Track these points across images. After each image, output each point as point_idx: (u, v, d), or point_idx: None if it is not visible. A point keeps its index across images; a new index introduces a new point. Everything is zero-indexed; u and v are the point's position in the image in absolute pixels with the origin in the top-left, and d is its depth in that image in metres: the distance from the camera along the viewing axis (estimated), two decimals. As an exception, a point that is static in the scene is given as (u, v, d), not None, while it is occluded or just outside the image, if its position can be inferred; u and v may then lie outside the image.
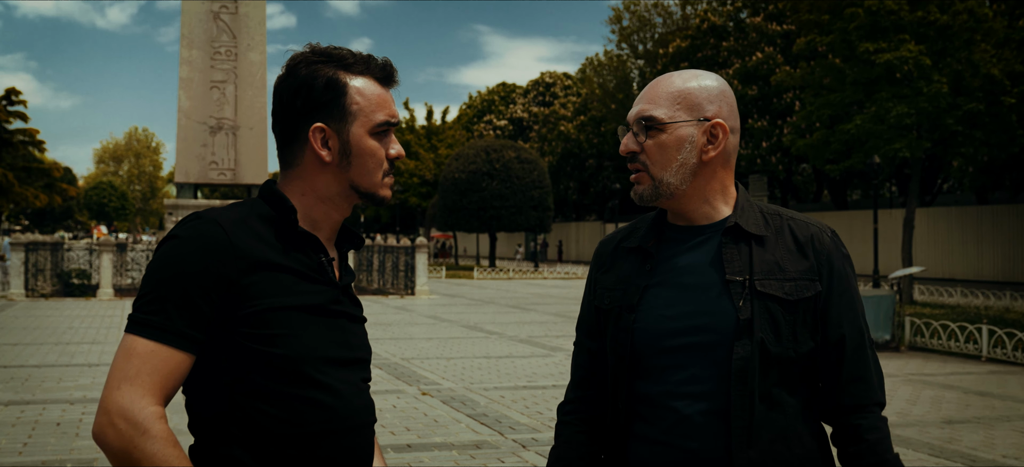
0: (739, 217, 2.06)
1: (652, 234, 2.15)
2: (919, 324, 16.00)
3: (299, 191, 1.91)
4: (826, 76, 27.16)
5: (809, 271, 2.02)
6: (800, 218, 2.11)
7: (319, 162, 1.88)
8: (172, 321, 1.69)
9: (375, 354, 14.13)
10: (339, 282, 1.93)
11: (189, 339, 1.70)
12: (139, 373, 1.66)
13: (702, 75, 2.09)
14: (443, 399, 10.26)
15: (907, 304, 22.53)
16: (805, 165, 52.64)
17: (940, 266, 40.68)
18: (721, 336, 1.97)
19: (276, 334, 1.75)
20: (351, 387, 1.88)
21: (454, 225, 52.51)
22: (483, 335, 17.50)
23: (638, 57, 59.91)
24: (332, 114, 1.86)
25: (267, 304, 1.75)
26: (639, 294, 2.08)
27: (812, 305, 2.01)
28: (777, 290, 1.99)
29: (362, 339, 1.98)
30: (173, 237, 1.77)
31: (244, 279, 1.74)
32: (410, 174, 60.68)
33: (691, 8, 56.66)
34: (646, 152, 2.05)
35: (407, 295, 29.53)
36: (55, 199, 72.61)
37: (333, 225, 1.96)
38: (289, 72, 1.89)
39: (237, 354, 1.74)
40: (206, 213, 1.79)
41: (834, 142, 26.86)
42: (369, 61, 1.92)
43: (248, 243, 1.77)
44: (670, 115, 2.03)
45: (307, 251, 1.86)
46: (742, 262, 2.01)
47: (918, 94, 24.01)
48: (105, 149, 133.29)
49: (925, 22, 24.08)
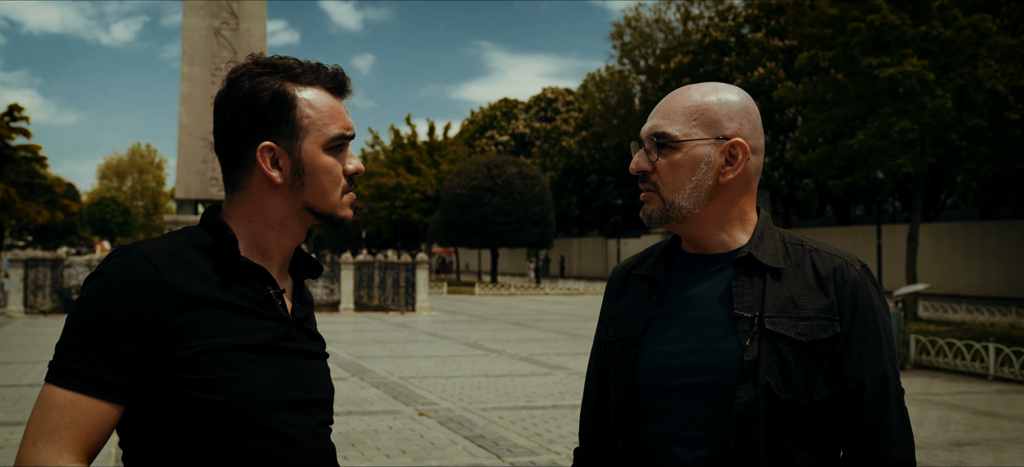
0: (754, 247, 1.86)
1: (662, 262, 1.98)
2: (924, 342, 15.80)
3: (246, 216, 1.73)
4: (829, 91, 27.01)
5: (828, 309, 1.81)
6: (826, 250, 1.90)
7: (269, 184, 1.71)
8: (94, 369, 1.51)
9: (372, 373, 13.96)
10: (292, 316, 1.74)
11: (114, 388, 1.53)
12: (57, 428, 1.49)
13: (723, 89, 1.90)
14: (440, 420, 10.08)
15: (912, 321, 22.33)
16: (808, 180, 52.48)
17: (944, 282, 40.46)
18: (724, 377, 1.77)
19: (215, 378, 1.57)
20: (307, 433, 1.69)
21: (456, 241, 52.35)
22: (483, 353, 17.31)
23: (640, 72, 59.88)
24: (281, 131, 1.69)
25: (204, 345, 1.57)
26: (642, 326, 1.91)
27: (829, 347, 1.79)
28: (789, 329, 1.78)
29: (321, 378, 1.79)
30: (98, 274, 1.59)
31: (177, 319, 1.56)
32: (412, 189, 60.55)
33: (693, 23, 56.64)
34: (658, 171, 1.87)
35: (408, 311, 29.36)
36: (57, 215, 72.54)
37: (285, 252, 1.78)
38: (231, 87, 1.70)
39: (173, 403, 1.56)
40: (136, 246, 1.61)
41: (837, 157, 26.68)
42: (318, 70, 1.74)
43: (181, 278, 1.59)
44: (685, 132, 1.85)
45: (252, 284, 1.68)
46: (753, 297, 1.81)
47: (921, 109, 23.84)
48: (108, 165, 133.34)
49: (928, 37, 23.93)
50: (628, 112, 58.90)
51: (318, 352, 1.81)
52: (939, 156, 26.70)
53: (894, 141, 24.27)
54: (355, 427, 9.62)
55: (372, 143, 67.91)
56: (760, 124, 1.91)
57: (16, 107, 67.09)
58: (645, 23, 59.25)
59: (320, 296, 32.41)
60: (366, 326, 23.91)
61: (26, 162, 69.23)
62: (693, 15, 57.35)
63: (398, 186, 60.56)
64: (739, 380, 1.75)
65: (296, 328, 1.74)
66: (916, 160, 24.60)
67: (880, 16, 23.83)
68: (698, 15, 57.10)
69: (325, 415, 1.78)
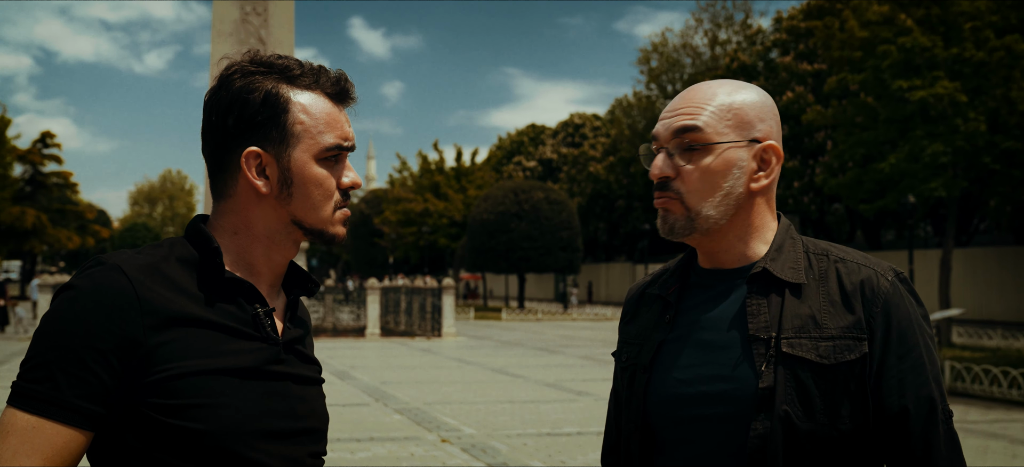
0: (770, 260, 1.67)
1: (675, 279, 1.80)
2: (960, 369, 15.45)
3: (231, 228, 1.59)
4: (859, 115, 26.75)
5: (854, 327, 1.59)
6: (853, 259, 1.69)
7: (255, 193, 1.56)
8: (60, 392, 1.36)
9: (396, 398, 13.82)
10: (282, 337, 1.59)
11: (82, 413, 1.38)
12: (17, 455, 1.34)
13: (744, 86, 1.72)
14: (463, 447, 9.91)
15: (945, 347, 21.90)
16: (838, 205, 51.97)
17: (978, 308, 39.79)
18: (739, 407, 1.59)
19: (194, 404, 1.42)
20: (295, 465, 1.54)
21: (483, 266, 52.21)
22: (508, 378, 17.13)
23: (667, 97, 59.70)
24: (269, 136, 1.54)
25: (182, 368, 1.42)
26: (653, 351, 1.73)
27: (857, 370, 1.58)
28: (809, 351, 1.58)
29: (313, 405, 1.63)
30: (68, 287, 1.44)
31: (153, 338, 1.41)
32: (439, 215, 60.56)
33: (720, 48, 56.47)
34: (683, 177, 1.67)
35: (434, 337, 29.24)
36: (88, 241, 73.24)
37: (275, 269, 1.63)
38: (221, 84, 1.56)
39: (146, 430, 1.41)
40: (111, 258, 1.46)
41: (867, 181, 26.37)
42: (319, 73, 1.59)
43: (159, 294, 1.44)
44: (717, 132, 1.66)
45: (239, 301, 1.53)
46: (769, 316, 1.62)
47: (954, 132, 23.52)
48: (140, 191, 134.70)
49: (960, 59, 23.63)
50: (656, 137, 58.74)
51: (311, 377, 1.65)
52: (972, 180, 26.33)
53: (926, 165, 23.94)
54: (376, 453, 9.47)
55: (400, 169, 68.03)
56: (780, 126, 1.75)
57: (48, 134, 68.01)
58: (672, 48, 59.16)
59: (346, 321, 32.39)
60: (391, 351, 23.78)
61: (58, 188, 70.06)
62: (720, 40, 57.21)
63: (425, 211, 60.56)
64: (754, 410, 1.57)
65: (286, 350, 1.59)
66: (949, 184, 24.24)
67: (911, 38, 23.58)
68: (726, 40, 56.95)
69: (317, 445, 1.63)
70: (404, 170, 67.75)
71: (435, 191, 61.84)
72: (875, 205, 27.40)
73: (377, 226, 71.14)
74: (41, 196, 67.89)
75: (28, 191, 67.67)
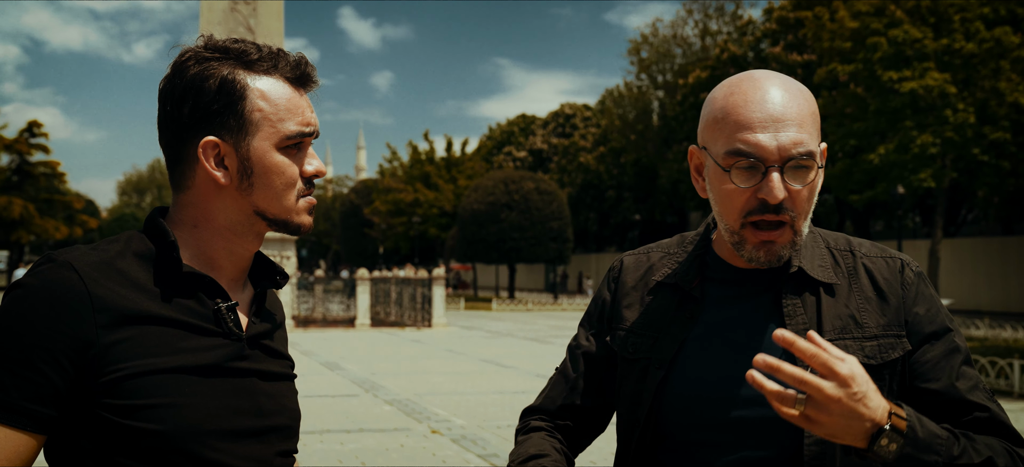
0: (803, 259, 1.63)
1: (696, 271, 1.72)
2: (948, 359, 15.50)
3: (190, 220, 1.53)
4: (848, 106, 26.81)
5: (894, 323, 1.59)
6: (874, 252, 1.68)
7: (214, 185, 1.50)
8: (8, 395, 1.32)
9: (386, 389, 13.81)
10: (246, 332, 1.54)
11: (32, 417, 1.33)
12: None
13: (800, 85, 1.62)
14: (453, 438, 9.90)
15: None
16: (826, 195, 52.15)
17: (966, 298, 39.95)
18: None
19: (148, 405, 1.37)
20: (261, 465, 1.50)
21: (473, 256, 52.23)
22: (498, 369, 17.13)
23: (657, 88, 59.69)
24: (227, 125, 1.48)
25: (137, 367, 1.37)
26: (676, 348, 1.65)
27: (899, 367, 1.58)
28: (856, 352, 1.55)
29: (282, 402, 1.58)
30: (17, 286, 1.39)
31: (106, 337, 1.36)
32: (429, 205, 60.53)
33: (710, 39, 56.46)
34: (794, 199, 1.54)
35: (424, 327, 29.24)
36: (76, 231, 72.95)
37: (238, 262, 1.57)
38: (175, 72, 1.49)
39: (100, 432, 1.37)
40: (62, 255, 1.41)
41: (857, 172, 26.45)
42: (278, 57, 1.53)
43: (112, 291, 1.39)
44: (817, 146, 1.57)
45: (198, 296, 1.48)
46: (807, 317, 1.59)
47: (943, 123, 23.60)
48: (128, 181, 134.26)
49: (950, 50, 23.71)
50: (646, 128, 58.67)
51: (280, 373, 1.60)
52: (961, 170, 26.41)
53: (915, 156, 24.01)
54: (366, 445, 9.46)
55: (390, 159, 67.94)
56: None
57: (35, 124, 67.67)
58: (663, 39, 59.08)
59: (336, 312, 32.35)
60: (381, 342, 23.76)
61: (45, 178, 69.75)
62: (711, 30, 57.17)
63: (416, 202, 60.53)
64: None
65: (251, 346, 1.54)
66: (937, 175, 24.33)
67: (902, 30, 23.65)
68: (716, 30, 56.92)
69: (286, 444, 1.58)
70: (394, 160, 67.68)
71: (425, 181, 61.80)
72: (865, 196, 27.50)
73: (367, 216, 71.07)
74: (28, 186, 67.57)
75: (15, 181, 67.34)
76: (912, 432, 1.39)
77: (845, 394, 1.32)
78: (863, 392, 1.34)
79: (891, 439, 1.37)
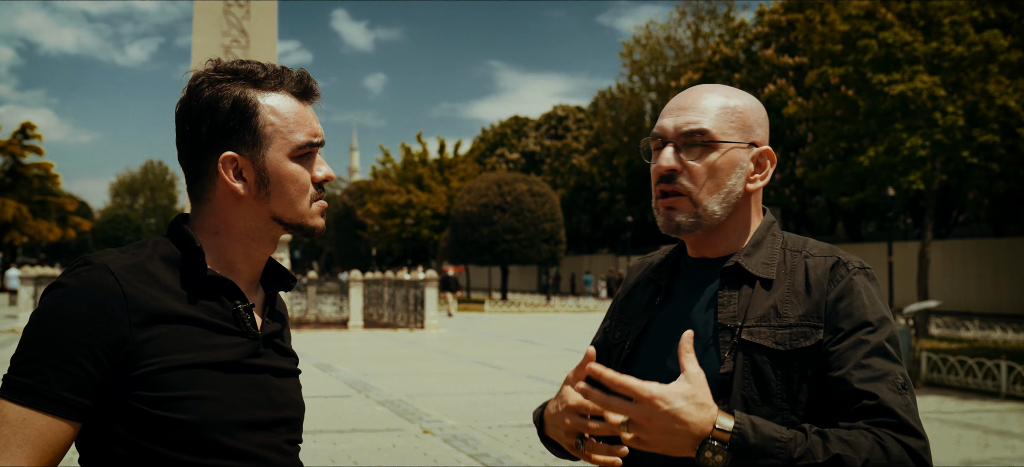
0: (744, 256, 1.77)
1: (668, 266, 1.90)
2: (936, 359, 15.63)
3: (212, 228, 1.67)
4: (839, 108, 26.91)
5: (811, 315, 1.69)
6: (820, 253, 1.78)
7: (233, 196, 1.65)
8: (49, 385, 1.45)
9: (378, 390, 13.88)
10: (261, 332, 1.68)
11: (70, 406, 1.46)
12: (8, 445, 1.43)
13: (740, 93, 1.82)
14: (445, 438, 9.99)
15: (923, 338, 22.14)
16: (819, 197, 52.31)
17: (957, 299, 40.14)
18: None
19: (176, 397, 1.51)
20: (272, 452, 1.64)
21: (466, 258, 52.27)
22: (491, 370, 17.21)
23: (650, 90, 59.83)
24: (243, 140, 1.63)
25: (165, 362, 1.51)
26: (639, 332, 1.85)
27: (812, 355, 1.66)
28: (767, 339, 1.67)
29: (291, 396, 1.74)
30: (57, 285, 1.53)
31: (139, 334, 1.50)
32: (422, 207, 60.55)
33: (703, 41, 56.62)
34: (690, 173, 1.75)
35: (417, 328, 29.30)
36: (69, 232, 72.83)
37: (255, 266, 1.72)
38: (191, 94, 1.64)
39: (132, 421, 1.50)
40: (97, 257, 1.55)
41: (847, 175, 26.55)
42: (282, 74, 1.67)
43: (144, 292, 1.53)
44: (724, 132, 1.75)
45: (220, 298, 1.62)
46: (737, 307, 1.72)
47: (933, 126, 23.71)
48: (121, 182, 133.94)
49: (939, 53, 23.81)
50: (639, 130, 58.80)
51: (288, 369, 1.76)
52: (950, 173, 26.54)
53: (905, 158, 24.11)
54: (358, 445, 9.54)
55: (383, 161, 67.90)
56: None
57: (29, 125, 67.58)
58: (656, 41, 59.22)
59: (329, 314, 32.40)
60: (374, 343, 23.83)
61: (38, 180, 69.63)
62: (703, 33, 57.35)
63: (408, 203, 60.56)
64: (716, 395, 1.64)
65: (265, 344, 1.68)
66: (927, 177, 24.45)
67: (892, 33, 23.75)
68: (709, 33, 57.09)
69: (293, 433, 1.73)
70: (387, 162, 67.65)
71: (418, 183, 61.82)
72: (855, 198, 27.60)
73: (360, 218, 70.99)
74: (21, 187, 67.46)
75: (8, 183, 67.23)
76: (739, 441, 1.47)
77: (651, 412, 1.45)
78: (676, 408, 1.45)
79: (714, 450, 1.48)
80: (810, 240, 1.84)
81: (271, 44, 30.48)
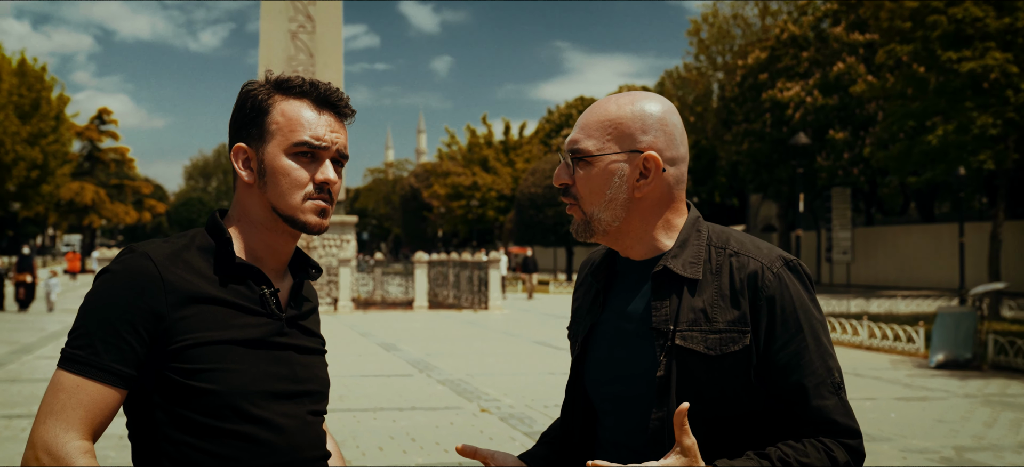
0: (671, 258, 1.85)
1: (604, 267, 2.00)
2: (1003, 342, 15.37)
3: (236, 216, 1.89)
4: (908, 86, 26.37)
5: (739, 321, 1.77)
6: (746, 253, 1.85)
7: (245, 185, 1.87)
8: (99, 356, 1.68)
9: (439, 369, 14.15)
10: (285, 314, 1.87)
11: (117, 375, 1.69)
12: (64, 408, 1.66)
13: (642, 98, 1.89)
14: (502, 416, 10.19)
15: (994, 320, 21.70)
16: (891, 177, 51.34)
17: (1032, 281, 39.08)
18: (645, 392, 1.81)
19: (206, 368, 1.72)
20: (295, 421, 1.84)
21: (531, 240, 52.51)
22: (551, 350, 17.39)
23: (717, 69, 59.19)
24: (251, 134, 1.85)
25: (197, 338, 1.72)
26: (586, 332, 1.98)
27: (742, 359, 1.76)
28: (698, 344, 1.77)
29: (314, 372, 1.92)
30: (106, 271, 1.76)
31: (174, 313, 1.72)
32: (487, 188, 60.86)
33: (771, 18, 55.75)
34: (577, 184, 1.89)
35: (481, 309, 29.60)
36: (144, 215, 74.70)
37: (278, 256, 1.91)
38: (236, 99, 1.89)
39: (168, 389, 1.72)
40: (140, 246, 1.78)
41: (915, 154, 26.04)
42: (312, 86, 1.86)
43: (180, 276, 1.75)
44: (599, 146, 1.86)
45: (248, 283, 1.83)
46: (669, 310, 1.81)
47: (1004, 103, 23.15)
48: (194, 165, 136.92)
49: (1012, 29, 23.21)
50: (705, 109, 58.29)
51: (313, 348, 1.94)
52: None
53: (975, 137, 23.60)
54: (417, 422, 9.79)
55: (449, 143, 68.36)
56: (679, 135, 1.89)
57: (105, 111, 69.41)
58: (723, 19, 58.47)
59: (395, 295, 32.89)
60: (438, 324, 24.17)
61: (115, 164, 71.54)
62: (771, 10, 56.44)
63: (474, 185, 60.92)
64: (655, 396, 1.78)
65: (289, 325, 1.88)
66: (999, 156, 23.91)
67: (962, 8, 23.21)
68: (777, 10, 56.17)
69: (317, 405, 1.92)
70: (453, 144, 68.06)
71: (483, 165, 62.08)
72: (923, 177, 27.09)
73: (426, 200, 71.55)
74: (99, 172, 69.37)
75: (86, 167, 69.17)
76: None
77: None
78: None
79: None
80: (733, 234, 1.90)
81: (336, 29, 30.90)
